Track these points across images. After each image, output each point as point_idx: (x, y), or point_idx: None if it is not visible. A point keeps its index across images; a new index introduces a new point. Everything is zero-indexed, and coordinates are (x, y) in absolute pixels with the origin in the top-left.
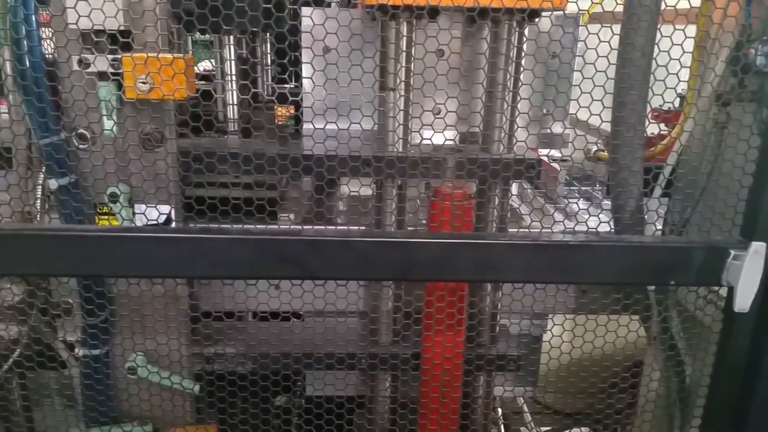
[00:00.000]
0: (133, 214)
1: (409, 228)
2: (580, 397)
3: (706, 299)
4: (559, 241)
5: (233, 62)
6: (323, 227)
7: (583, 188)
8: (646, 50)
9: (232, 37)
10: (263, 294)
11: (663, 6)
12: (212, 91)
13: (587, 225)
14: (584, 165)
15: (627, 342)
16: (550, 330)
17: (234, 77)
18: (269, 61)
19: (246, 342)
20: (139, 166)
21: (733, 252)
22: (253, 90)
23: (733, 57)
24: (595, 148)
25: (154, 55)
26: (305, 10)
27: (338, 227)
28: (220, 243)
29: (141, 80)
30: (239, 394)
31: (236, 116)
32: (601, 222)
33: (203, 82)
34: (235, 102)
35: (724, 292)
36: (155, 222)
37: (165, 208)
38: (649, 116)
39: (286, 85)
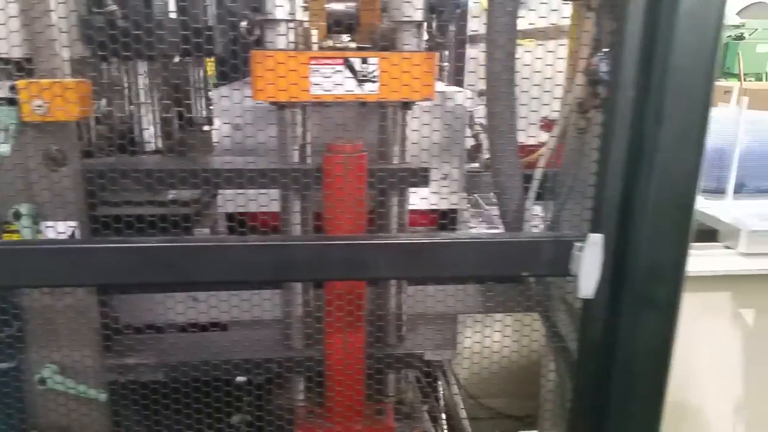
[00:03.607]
0: (38, 231)
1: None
2: (526, 400)
3: None
4: (419, 240)
5: (145, 86)
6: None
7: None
8: (508, 65)
9: (142, 63)
10: (186, 307)
11: (522, 25)
12: (129, 113)
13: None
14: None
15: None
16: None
17: (151, 100)
18: (204, 85)
19: (162, 352)
20: (43, 185)
21: (577, 244)
22: (178, 112)
23: (586, 67)
24: None
25: (50, 80)
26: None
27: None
28: (103, 252)
29: (37, 104)
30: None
31: (153, 137)
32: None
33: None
34: (150, 124)
35: None
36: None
37: (70, 225)
38: (539, 125)
39: None
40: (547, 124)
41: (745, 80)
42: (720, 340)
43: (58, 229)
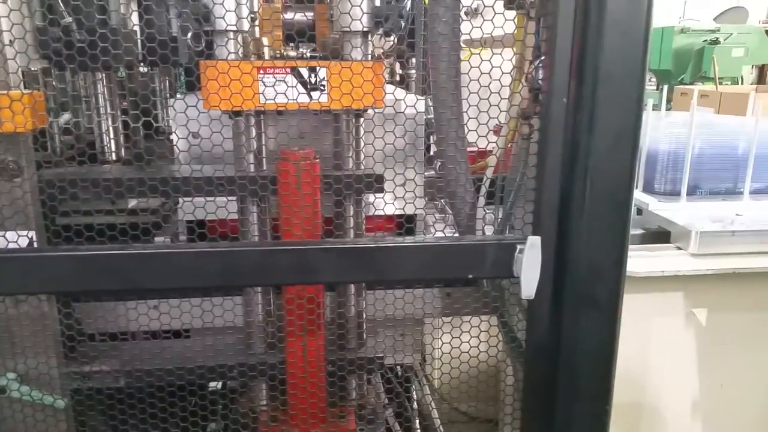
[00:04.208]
0: None
1: None
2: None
3: None
4: (366, 244)
5: (106, 96)
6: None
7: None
8: (450, 73)
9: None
10: (147, 315)
11: (464, 35)
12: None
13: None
14: None
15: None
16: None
17: (112, 110)
18: (167, 95)
19: (123, 359)
20: None
21: (519, 246)
22: (143, 121)
23: (526, 75)
24: None
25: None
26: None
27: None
28: (52, 260)
29: None
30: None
31: (113, 147)
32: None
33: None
34: (111, 134)
35: None
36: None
37: (23, 234)
38: (493, 132)
39: None
40: (497, 130)
41: (720, 84)
42: (674, 340)
43: (11, 239)
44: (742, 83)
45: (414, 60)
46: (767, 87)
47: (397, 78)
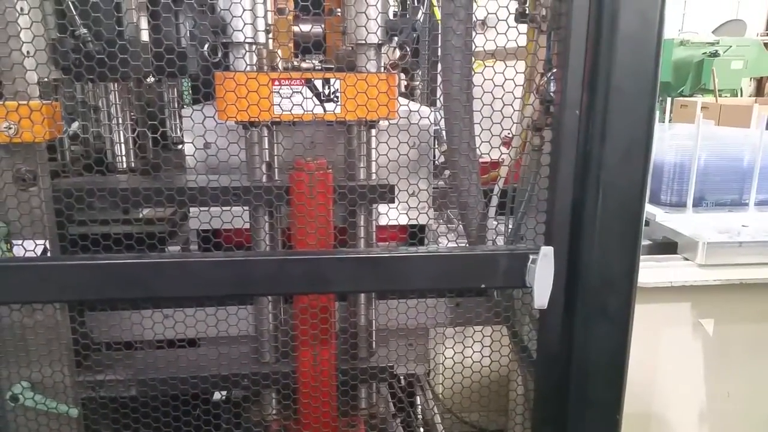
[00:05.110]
0: (10, 249)
1: None
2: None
3: None
4: (379, 254)
5: (117, 107)
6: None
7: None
8: (463, 85)
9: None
10: (158, 323)
11: (476, 47)
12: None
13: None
14: None
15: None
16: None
17: (123, 120)
18: (177, 105)
19: (134, 368)
20: (13, 204)
21: (531, 256)
22: (152, 131)
23: (538, 87)
24: None
25: (18, 102)
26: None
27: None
28: (66, 269)
29: (5, 126)
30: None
31: (124, 157)
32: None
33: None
34: (122, 144)
35: None
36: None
37: (38, 243)
38: (503, 143)
39: None
40: (508, 142)
41: (720, 96)
42: (681, 350)
43: (27, 247)
44: (741, 95)
45: (420, 72)
46: (766, 99)
47: (403, 89)
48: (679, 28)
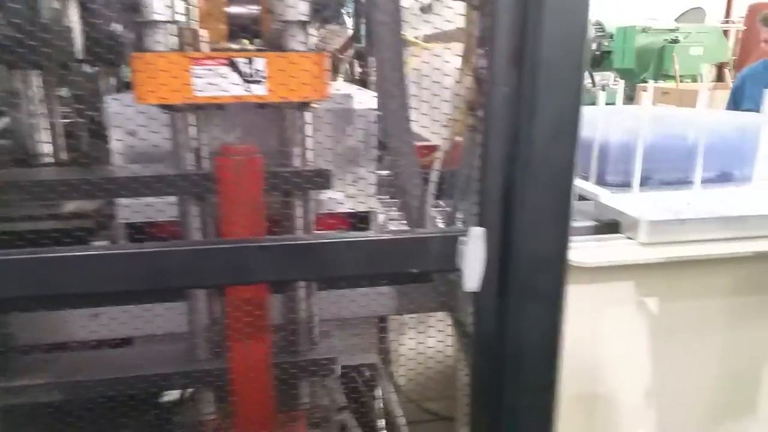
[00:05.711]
0: None
1: None
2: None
3: None
4: (304, 241)
5: (41, 96)
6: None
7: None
8: (395, 65)
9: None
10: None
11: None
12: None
13: None
14: None
15: None
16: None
17: (49, 110)
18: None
19: (60, 371)
20: None
21: (461, 238)
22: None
23: (473, 66)
24: None
25: None
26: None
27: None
28: None
29: None
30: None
31: (50, 149)
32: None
33: None
34: (47, 135)
35: None
36: None
37: None
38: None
39: None
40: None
41: (681, 82)
42: (626, 329)
43: None
44: (702, 81)
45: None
46: (725, 84)
47: (357, 77)
48: (645, 14)
